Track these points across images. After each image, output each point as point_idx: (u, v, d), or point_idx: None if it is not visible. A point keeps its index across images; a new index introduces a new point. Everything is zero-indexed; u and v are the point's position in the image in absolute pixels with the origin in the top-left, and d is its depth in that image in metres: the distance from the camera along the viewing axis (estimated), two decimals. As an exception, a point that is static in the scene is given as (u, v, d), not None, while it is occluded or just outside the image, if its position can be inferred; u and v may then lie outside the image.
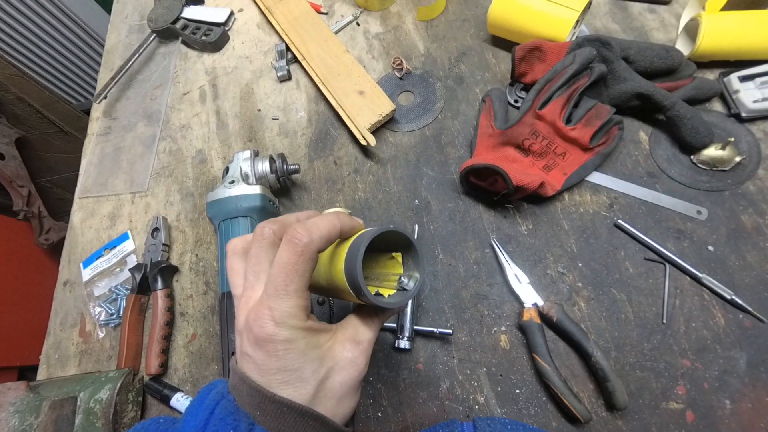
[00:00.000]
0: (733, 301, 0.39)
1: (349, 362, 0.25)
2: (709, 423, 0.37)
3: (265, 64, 0.67)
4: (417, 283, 0.27)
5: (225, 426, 0.21)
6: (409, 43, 0.63)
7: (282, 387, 0.23)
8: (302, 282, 0.23)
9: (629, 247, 0.44)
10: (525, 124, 0.48)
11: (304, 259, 0.23)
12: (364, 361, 0.25)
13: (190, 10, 0.72)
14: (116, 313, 0.54)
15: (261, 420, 0.22)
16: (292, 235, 0.23)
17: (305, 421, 0.22)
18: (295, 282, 0.23)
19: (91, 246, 0.60)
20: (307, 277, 0.23)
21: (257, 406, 0.22)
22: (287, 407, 0.22)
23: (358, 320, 0.27)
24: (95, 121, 0.71)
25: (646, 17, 0.55)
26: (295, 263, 0.23)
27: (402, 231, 0.26)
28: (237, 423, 0.21)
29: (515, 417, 0.40)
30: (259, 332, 0.22)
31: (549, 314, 0.41)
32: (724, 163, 0.44)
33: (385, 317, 0.28)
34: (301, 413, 0.22)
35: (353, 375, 0.25)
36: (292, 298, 0.23)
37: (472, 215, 0.49)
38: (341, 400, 0.24)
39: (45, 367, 0.54)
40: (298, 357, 0.23)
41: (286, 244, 0.23)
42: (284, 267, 0.23)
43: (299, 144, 0.60)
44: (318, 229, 0.24)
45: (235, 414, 0.22)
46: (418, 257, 0.27)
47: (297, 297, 0.23)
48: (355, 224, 0.27)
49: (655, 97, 0.45)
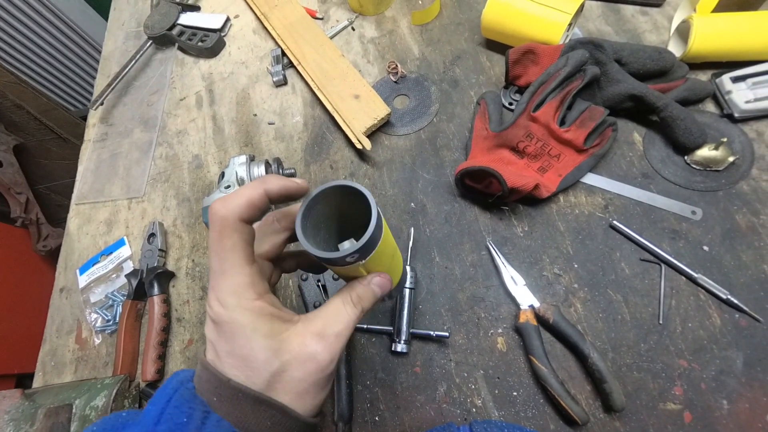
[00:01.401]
0: (729, 300, 0.39)
1: (308, 357, 0.23)
2: (707, 423, 0.36)
3: (261, 70, 0.68)
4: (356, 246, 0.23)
5: (180, 414, 0.20)
6: (404, 47, 0.63)
7: (235, 372, 0.22)
8: (236, 258, 0.22)
9: (625, 247, 0.44)
10: (519, 126, 0.48)
11: (226, 233, 0.22)
12: (328, 357, 0.23)
13: (186, 17, 0.73)
14: (112, 320, 0.54)
15: (218, 407, 0.21)
16: (210, 212, 0.22)
17: (263, 409, 0.21)
18: (228, 259, 0.22)
19: (87, 252, 0.60)
20: (239, 252, 0.22)
21: (214, 392, 0.21)
22: (242, 393, 0.21)
23: (328, 312, 0.25)
24: (92, 128, 0.71)
25: (639, 19, 0.56)
26: (219, 240, 0.22)
27: (353, 185, 0.24)
28: (192, 410, 0.20)
29: (512, 419, 0.40)
30: (209, 312, 0.22)
31: (545, 316, 0.41)
32: (717, 164, 0.45)
33: (358, 311, 0.25)
34: (257, 401, 0.21)
35: (312, 371, 0.23)
36: (229, 276, 0.22)
37: (468, 218, 0.49)
38: (301, 396, 0.23)
39: (41, 374, 0.54)
40: (246, 342, 0.22)
41: (209, 222, 0.23)
42: (212, 247, 0.22)
43: (295, 148, 0.60)
44: (235, 197, 0.22)
45: (191, 401, 0.21)
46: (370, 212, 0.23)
47: (234, 274, 0.22)
48: (290, 184, 0.24)
49: (648, 99, 0.45)
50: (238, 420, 0.21)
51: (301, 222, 0.24)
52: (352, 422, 0.42)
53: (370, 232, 0.22)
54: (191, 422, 0.20)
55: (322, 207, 0.26)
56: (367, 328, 0.45)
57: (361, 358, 0.45)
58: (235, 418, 0.21)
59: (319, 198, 0.25)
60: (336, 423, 0.41)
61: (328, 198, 0.25)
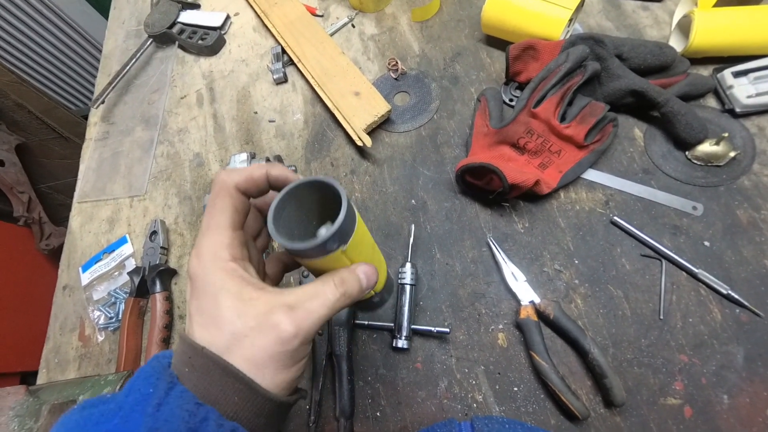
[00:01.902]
0: (730, 296, 0.39)
1: (270, 326, 0.22)
2: (708, 418, 0.37)
3: (262, 67, 0.68)
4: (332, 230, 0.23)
5: (147, 385, 0.20)
6: (404, 44, 0.63)
7: (201, 331, 0.22)
8: (222, 218, 0.24)
9: (625, 243, 0.44)
10: (520, 122, 0.48)
11: (221, 196, 0.24)
12: (292, 331, 0.22)
13: (186, 15, 0.73)
14: (115, 317, 0.54)
15: (187, 378, 0.21)
16: (215, 177, 0.25)
17: (230, 382, 0.21)
18: (215, 218, 0.24)
19: (89, 250, 0.61)
20: (226, 214, 0.24)
21: (187, 363, 0.22)
22: (212, 363, 0.21)
23: (306, 288, 0.24)
24: (93, 126, 0.71)
25: (640, 15, 0.55)
26: (212, 201, 0.24)
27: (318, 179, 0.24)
28: (158, 382, 0.20)
29: (513, 415, 0.40)
30: (188, 269, 0.24)
31: (546, 312, 0.41)
32: (718, 159, 0.44)
33: (338, 293, 0.24)
34: (225, 372, 0.21)
35: (272, 342, 0.22)
36: (211, 234, 0.24)
37: (469, 214, 0.49)
38: (259, 367, 0.22)
39: (45, 371, 0.54)
40: (213, 300, 0.22)
41: (212, 186, 0.25)
42: (207, 207, 0.25)
43: (296, 146, 0.60)
44: (239, 170, 0.25)
45: (161, 373, 0.21)
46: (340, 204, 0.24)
47: (217, 233, 0.24)
48: (291, 175, 0.26)
49: (649, 94, 0.45)
50: (205, 392, 0.21)
51: (274, 218, 0.24)
52: (353, 418, 0.42)
53: (343, 212, 0.23)
54: (156, 393, 0.20)
55: (295, 208, 0.26)
56: (368, 325, 0.45)
57: (362, 354, 0.45)
58: (202, 390, 0.21)
59: (288, 197, 0.25)
60: (338, 418, 0.42)
61: (299, 197, 0.26)
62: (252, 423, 0.22)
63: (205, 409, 0.20)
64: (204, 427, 0.20)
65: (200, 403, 0.20)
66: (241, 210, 0.25)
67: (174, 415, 0.19)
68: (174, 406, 0.20)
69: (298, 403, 0.44)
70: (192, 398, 0.20)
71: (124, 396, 0.21)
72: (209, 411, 0.20)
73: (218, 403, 0.21)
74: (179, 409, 0.19)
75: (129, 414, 0.20)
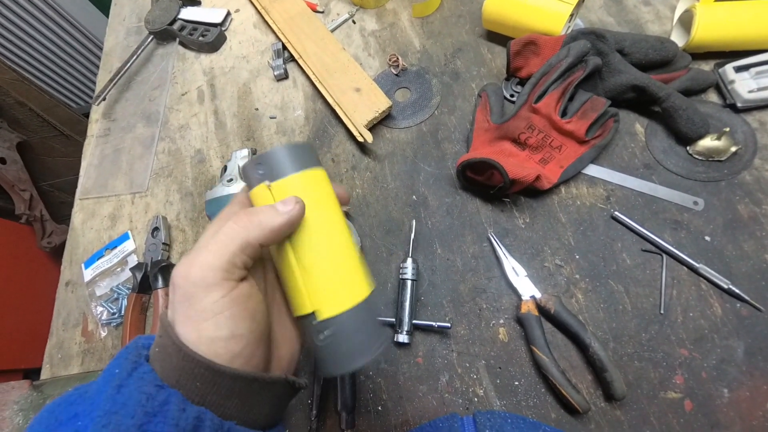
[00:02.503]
0: (731, 290, 0.40)
1: (176, 275, 0.21)
2: (708, 412, 0.37)
3: (262, 64, 0.68)
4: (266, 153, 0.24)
5: (115, 366, 0.20)
6: (405, 40, 0.63)
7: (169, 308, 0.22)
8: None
9: (626, 238, 0.44)
10: (521, 118, 0.48)
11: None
12: (182, 272, 0.21)
13: (187, 11, 0.73)
14: (118, 313, 0.54)
15: (155, 357, 0.21)
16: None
17: (190, 365, 0.20)
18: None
19: (92, 246, 0.61)
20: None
21: (158, 342, 0.21)
22: (169, 338, 0.20)
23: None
24: (94, 123, 0.71)
25: (641, 10, 0.55)
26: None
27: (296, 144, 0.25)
28: (125, 362, 0.20)
29: (514, 409, 0.40)
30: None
31: (547, 306, 0.41)
32: (720, 154, 0.44)
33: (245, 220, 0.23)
34: (185, 356, 0.20)
35: (173, 288, 0.21)
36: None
37: (470, 209, 0.49)
38: (180, 325, 0.21)
39: (48, 366, 0.54)
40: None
41: None
42: None
43: (297, 142, 0.60)
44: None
45: (130, 353, 0.21)
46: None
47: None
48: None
49: (650, 89, 0.45)
50: (168, 374, 0.20)
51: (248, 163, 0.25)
52: (355, 412, 0.42)
53: (283, 147, 0.24)
54: (120, 373, 0.19)
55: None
56: (369, 320, 0.46)
57: (363, 349, 0.45)
58: (166, 372, 0.20)
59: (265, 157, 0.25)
60: (339, 413, 0.42)
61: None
62: (223, 407, 0.20)
63: (166, 392, 0.19)
64: (164, 411, 0.18)
65: (162, 385, 0.19)
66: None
67: (132, 397, 0.18)
68: (133, 388, 0.19)
69: (299, 397, 0.44)
70: (153, 380, 0.19)
71: (99, 378, 0.20)
72: (171, 394, 0.19)
73: (182, 386, 0.20)
74: (137, 391, 0.18)
75: (95, 396, 0.19)
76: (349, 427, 0.41)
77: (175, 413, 0.18)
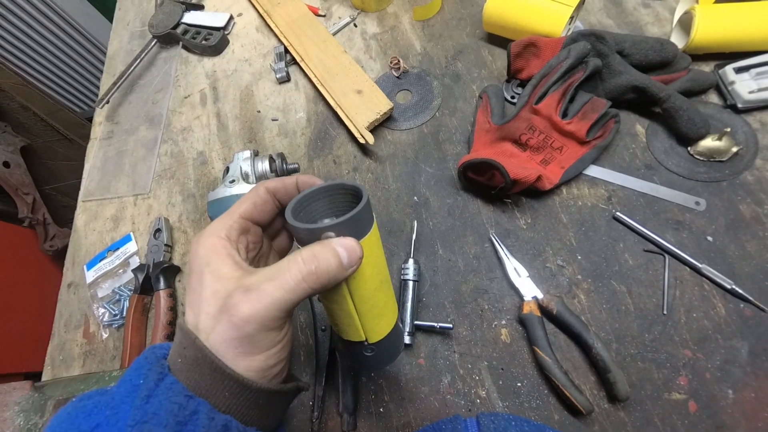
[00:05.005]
0: (734, 290, 0.39)
1: (227, 309, 0.21)
2: (712, 413, 0.36)
3: (265, 67, 0.68)
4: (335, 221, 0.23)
5: (138, 376, 0.20)
6: (406, 42, 0.63)
7: (188, 311, 0.23)
8: (235, 207, 0.26)
9: (628, 239, 0.44)
10: (522, 119, 0.48)
11: (248, 194, 0.27)
12: (244, 316, 0.20)
13: (190, 16, 0.74)
14: (119, 314, 0.54)
15: (179, 368, 0.21)
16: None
17: (217, 375, 0.20)
18: (231, 208, 0.26)
19: (94, 248, 0.61)
20: (243, 206, 0.26)
21: (181, 353, 0.21)
22: (202, 355, 0.20)
23: (271, 268, 0.22)
24: (98, 126, 0.72)
25: (641, 12, 0.56)
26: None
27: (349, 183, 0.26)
28: (149, 373, 0.20)
29: (517, 410, 0.40)
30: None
31: (549, 307, 0.41)
32: (721, 154, 0.45)
33: (305, 270, 0.22)
34: (213, 366, 0.20)
35: (227, 326, 0.21)
36: (220, 218, 0.25)
37: (471, 210, 0.49)
38: (222, 355, 0.21)
39: (50, 368, 0.54)
40: (198, 276, 0.22)
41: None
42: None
43: (299, 144, 0.60)
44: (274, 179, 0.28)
45: (153, 364, 0.21)
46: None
47: (224, 217, 0.25)
48: (318, 180, 0.28)
49: (651, 90, 0.45)
50: (196, 384, 0.20)
51: (293, 207, 0.25)
52: (356, 413, 0.42)
53: (355, 211, 0.23)
54: (146, 384, 0.20)
55: (326, 208, 0.27)
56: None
57: (365, 350, 0.45)
58: (193, 382, 0.20)
59: (315, 194, 0.26)
60: (341, 414, 0.42)
61: (332, 200, 0.27)
62: (247, 416, 0.22)
63: (196, 402, 0.20)
64: (194, 420, 0.19)
65: (191, 395, 0.20)
66: (259, 205, 0.26)
67: (162, 407, 0.19)
68: (163, 399, 0.19)
69: (301, 399, 0.44)
70: (182, 390, 0.20)
71: (116, 388, 0.21)
72: (200, 404, 0.20)
73: (210, 395, 0.20)
74: (168, 401, 0.19)
75: (119, 406, 0.20)
76: (351, 429, 0.41)
77: (204, 422, 0.19)
